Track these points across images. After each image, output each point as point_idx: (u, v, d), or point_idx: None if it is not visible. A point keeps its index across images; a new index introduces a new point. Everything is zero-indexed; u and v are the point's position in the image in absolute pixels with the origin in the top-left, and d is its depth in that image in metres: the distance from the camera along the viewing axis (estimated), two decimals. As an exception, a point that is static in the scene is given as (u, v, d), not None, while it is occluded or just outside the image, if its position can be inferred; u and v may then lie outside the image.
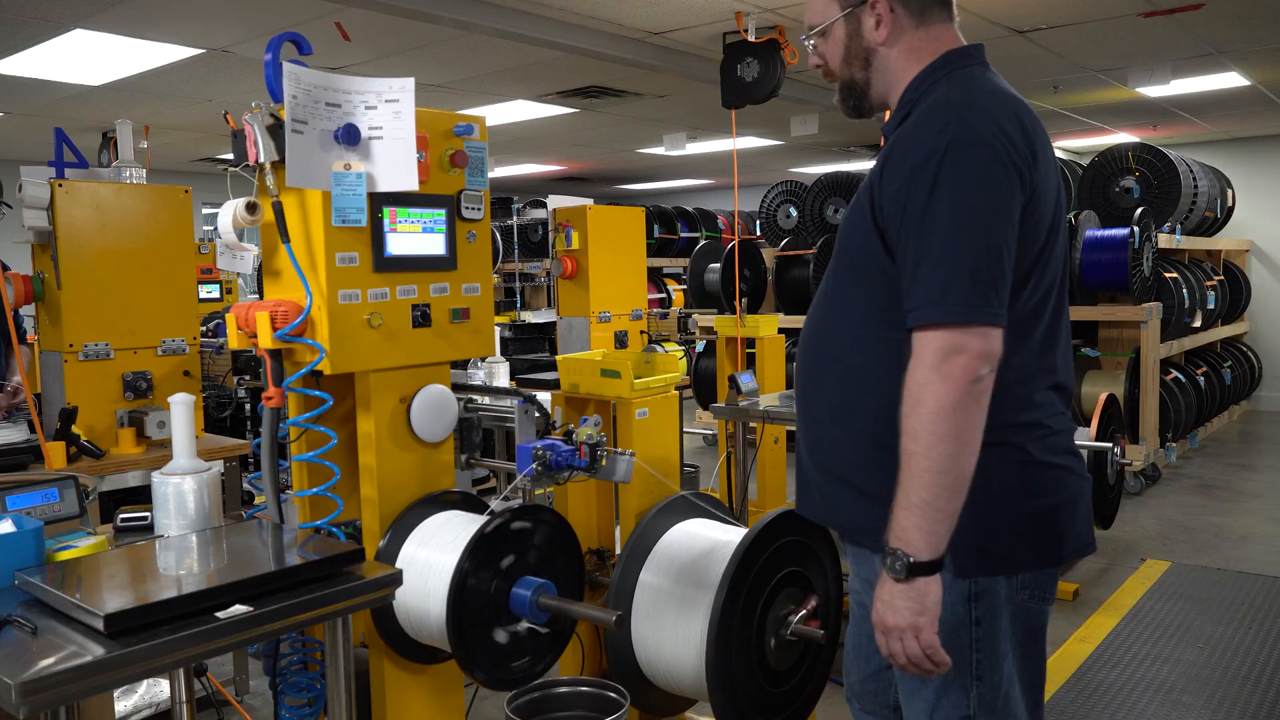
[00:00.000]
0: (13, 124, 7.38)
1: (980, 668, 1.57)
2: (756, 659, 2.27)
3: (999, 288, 1.46)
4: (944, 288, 1.44)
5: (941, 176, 1.46)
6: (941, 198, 1.46)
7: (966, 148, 1.47)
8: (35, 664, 1.43)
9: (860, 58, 1.68)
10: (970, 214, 1.45)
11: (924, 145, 1.49)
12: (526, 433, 2.55)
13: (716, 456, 5.58)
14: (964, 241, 1.45)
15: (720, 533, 2.52)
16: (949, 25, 1.67)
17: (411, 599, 2.26)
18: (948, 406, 1.42)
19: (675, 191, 14.37)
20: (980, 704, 1.58)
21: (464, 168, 2.41)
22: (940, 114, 1.52)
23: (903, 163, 1.51)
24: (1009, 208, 1.49)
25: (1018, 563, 1.57)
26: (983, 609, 1.57)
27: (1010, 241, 1.49)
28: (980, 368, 1.43)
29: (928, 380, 1.43)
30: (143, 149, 3.61)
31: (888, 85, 1.68)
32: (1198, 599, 4.40)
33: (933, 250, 1.46)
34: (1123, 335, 6.74)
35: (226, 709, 3.38)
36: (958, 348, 1.43)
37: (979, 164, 1.46)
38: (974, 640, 1.57)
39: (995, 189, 1.47)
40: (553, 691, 2.48)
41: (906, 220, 1.49)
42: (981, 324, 1.44)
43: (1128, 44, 5.78)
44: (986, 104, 1.53)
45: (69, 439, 3.08)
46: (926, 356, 1.44)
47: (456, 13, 4.49)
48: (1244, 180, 9.65)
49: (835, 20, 1.68)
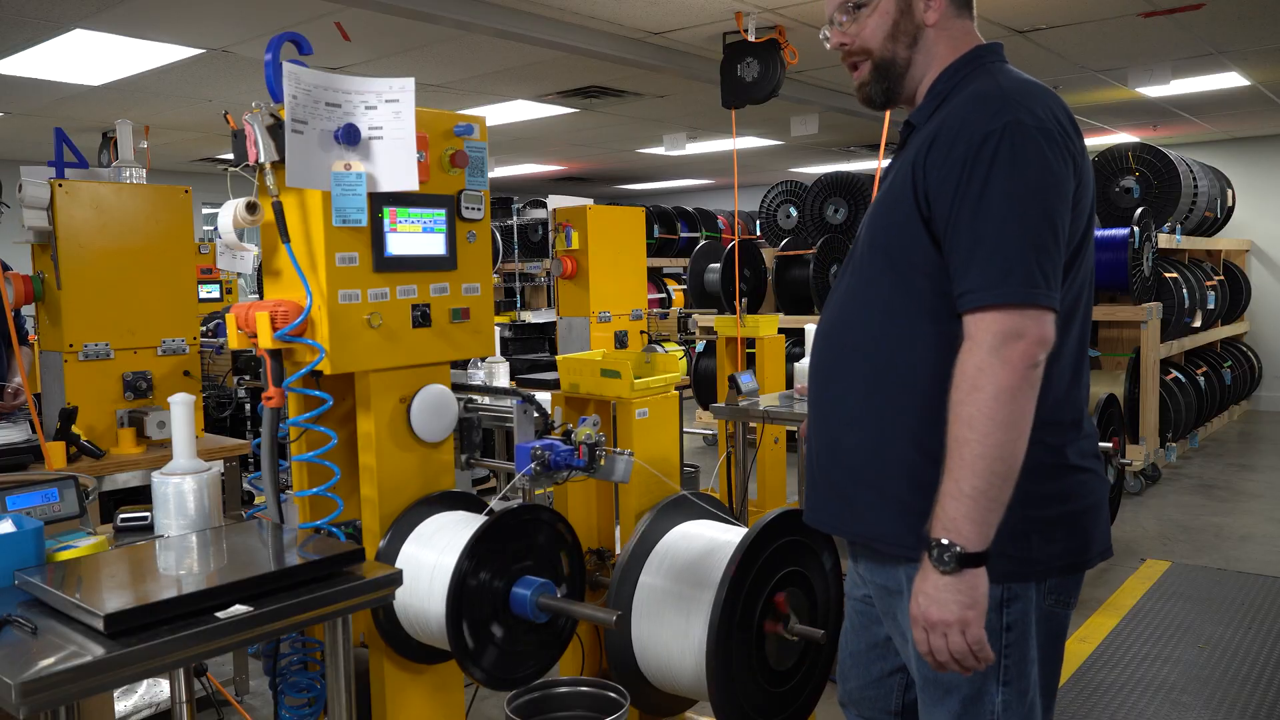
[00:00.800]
0: (13, 124, 7.39)
1: (1008, 674, 1.55)
2: (756, 659, 2.27)
3: (1055, 273, 1.44)
4: (1004, 270, 1.41)
5: (999, 159, 1.44)
6: (999, 180, 1.43)
7: (1025, 131, 1.45)
8: (35, 664, 1.43)
9: (909, 35, 1.65)
10: (1030, 197, 1.44)
11: (979, 129, 1.47)
12: (525, 433, 2.55)
13: (716, 456, 5.58)
14: (1024, 224, 1.43)
15: (720, 533, 2.52)
16: (973, 23, 1.69)
17: (411, 599, 2.26)
18: (1006, 391, 1.38)
19: (675, 191, 14.37)
20: (1006, 710, 1.55)
21: (464, 168, 2.41)
22: (994, 100, 1.50)
23: (954, 147, 1.48)
24: (1065, 192, 1.47)
25: (1049, 568, 1.54)
26: (1014, 614, 1.54)
27: (1065, 227, 1.47)
28: (1038, 353, 1.41)
29: (986, 364, 1.40)
30: (143, 149, 3.61)
31: (926, 68, 1.66)
32: (1198, 599, 4.40)
33: (990, 232, 1.43)
34: (1123, 335, 6.74)
35: (226, 709, 3.38)
36: (1018, 331, 1.40)
37: (1037, 148, 1.45)
38: (1004, 646, 1.54)
39: (1053, 173, 1.46)
40: (553, 691, 2.48)
41: (960, 203, 1.46)
42: (1040, 307, 1.41)
43: (1128, 44, 5.78)
44: (1038, 93, 1.53)
45: (69, 439, 3.08)
46: (985, 340, 1.41)
47: (456, 13, 4.49)
48: (1244, 180, 9.65)
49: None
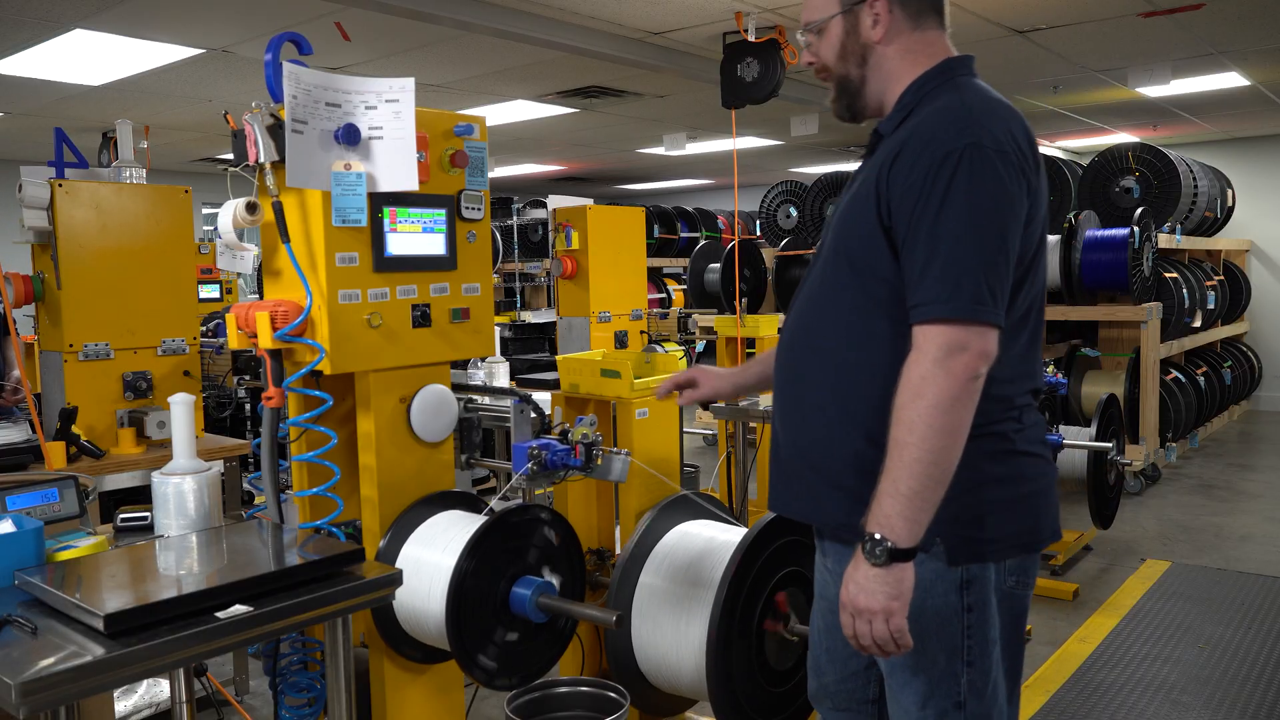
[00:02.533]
0: (13, 124, 7.38)
1: (971, 654, 1.61)
2: (756, 659, 2.27)
3: (1003, 291, 1.52)
4: (955, 285, 1.48)
5: (958, 178, 1.50)
6: (957, 199, 1.49)
7: (983, 154, 1.50)
8: (35, 664, 1.43)
9: (856, 54, 1.70)
10: (985, 216, 1.50)
11: (941, 146, 1.52)
12: (522, 432, 2.55)
13: (716, 456, 5.58)
14: (977, 242, 1.49)
15: (720, 533, 2.52)
16: (942, 32, 1.71)
17: (411, 599, 2.26)
18: (946, 401, 1.46)
19: (675, 191, 14.37)
20: (971, 690, 1.61)
21: (464, 168, 2.41)
22: (956, 117, 1.55)
23: (916, 163, 1.53)
24: (1018, 212, 1.54)
25: (1005, 548, 1.61)
26: (974, 596, 1.60)
27: (1015, 247, 1.54)
28: (980, 366, 1.48)
29: (930, 374, 1.47)
30: (143, 149, 3.61)
31: (884, 84, 1.70)
32: (1198, 599, 4.40)
33: (945, 249, 1.49)
34: (1123, 335, 6.74)
35: (226, 709, 3.38)
36: (962, 345, 1.47)
37: (994, 170, 1.51)
38: (966, 627, 1.60)
39: (1008, 194, 1.52)
40: (553, 691, 2.48)
41: (918, 219, 1.52)
42: (985, 323, 1.49)
43: (1128, 44, 5.78)
44: (1000, 112, 1.57)
45: (69, 439, 3.08)
46: (930, 351, 1.48)
47: (456, 13, 4.49)
48: (1244, 180, 9.65)
49: (833, 17, 1.71)
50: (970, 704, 1.62)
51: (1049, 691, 3.48)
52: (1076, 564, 5.04)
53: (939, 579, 1.58)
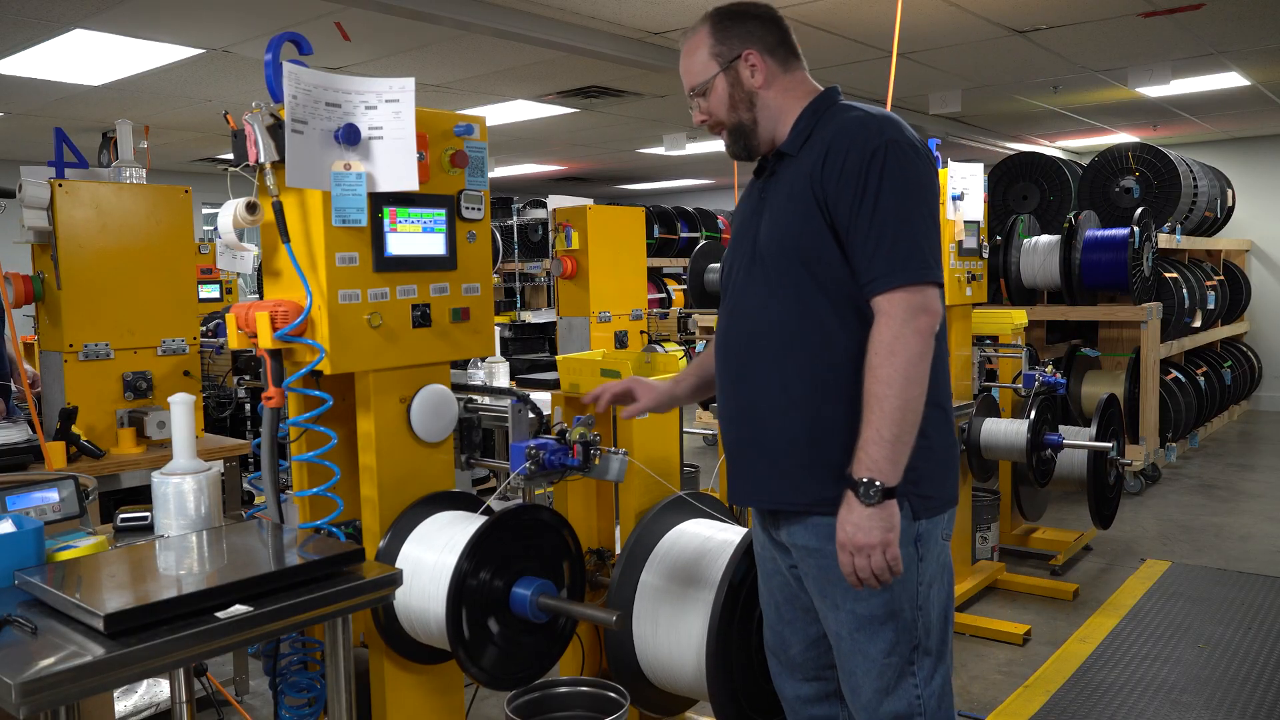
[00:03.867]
0: (13, 124, 7.39)
1: (922, 599, 1.86)
2: (756, 659, 2.27)
3: (939, 255, 1.81)
4: (906, 256, 1.74)
5: (887, 167, 1.76)
6: (889, 184, 1.76)
7: (901, 146, 1.79)
8: (35, 664, 1.43)
9: (745, 102, 1.95)
10: (915, 195, 1.78)
11: (865, 146, 1.78)
12: (520, 432, 2.55)
13: (716, 456, 5.58)
14: (915, 219, 1.77)
15: (720, 533, 2.52)
16: (805, 72, 2.00)
17: (411, 599, 2.26)
18: (916, 356, 1.72)
19: (675, 191, 14.37)
20: (925, 632, 1.87)
21: (464, 168, 2.41)
22: (867, 124, 1.82)
23: (846, 164, 1.79)
24: (937, 191, 1.86)
25: (944, 504, 1.89)
26: (924, 548, 1.86)
27: (938, 219, 1.85)
28: (936, 323, 1.76)
29: (900, 334, 1.72)
30: (143, 149, 3.61)
31: (774, 121, 1.96)
32: (1198, 599, 4.40)
33: (890, 228, 1.75)
34: (1123, 335, 6.74)
35: (226, 709, 3.38)
36: (922, 306, 1.74)
37: (912, 157, 1.79)
38: (919, 576, 1.86)
39: (929, 178, 1.83)
40: (553, 691, 2.48)
41: (860, 207, 1.77)
42: (936, 284, 1.76)
43: (1128, 44, 5.78)
44: (896, 120, 1.86)
45: (69, 439, 3.08)
46: (898, 314, 1.73)
47: (456, 13, 4.49)
48: (1244, 180, 9.65)
49: (716, 75, 1.95)
50: (924, 643, 1.87)
51: (1049, 691, 3.48)
52: (1076, 564, 5.04)
53: (903, 534, 1.78)
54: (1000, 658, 3.87)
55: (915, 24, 5.19)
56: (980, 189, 4.18)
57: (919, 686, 1.87)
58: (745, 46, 1.94)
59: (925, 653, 1.88)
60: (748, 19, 1.96)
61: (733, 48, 1.94)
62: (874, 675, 1.87)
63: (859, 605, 1.85)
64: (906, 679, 1.86)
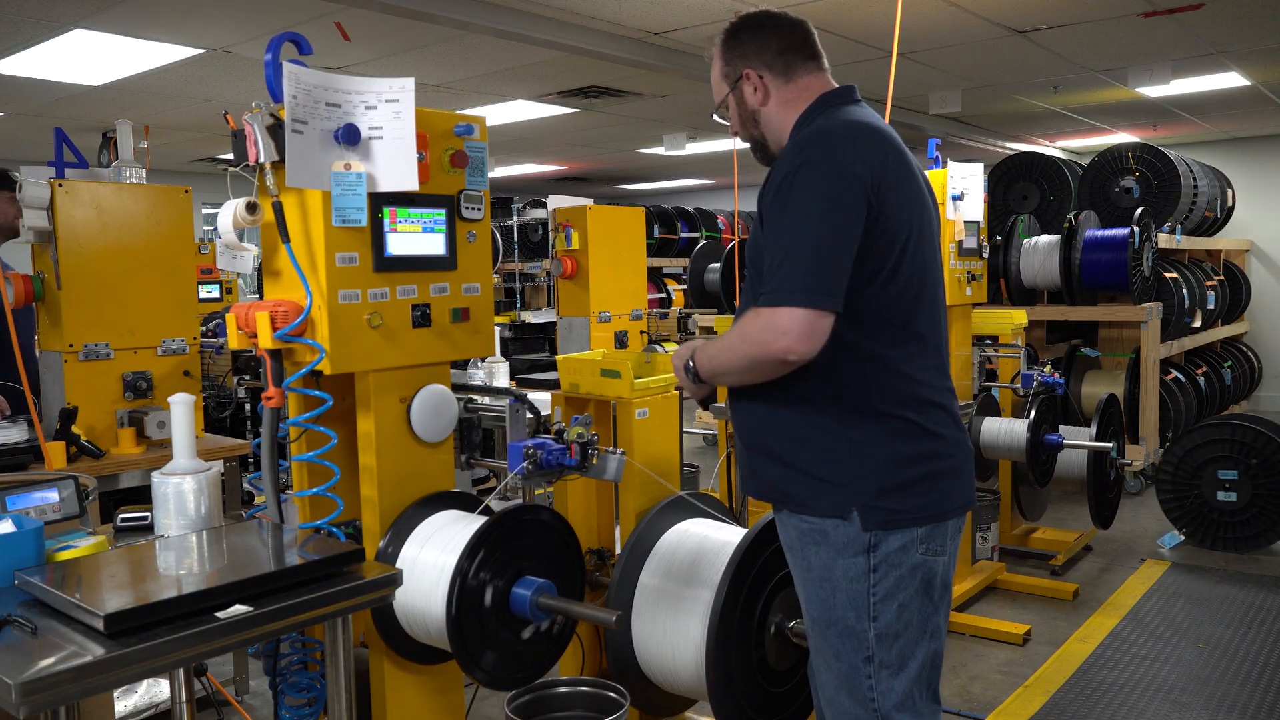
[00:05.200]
0: (13, 124, 7.38)
1: (876, 610, 1.84)
2: (756, 659, 2.27)
3: (836, 280, 1.75)
4: (786, 277, 1.73)
5: (794, 187, 1.77)
6: (793, 205, 1.77)
7: (816, 166, 1.77)
8: (35, 664, 1.43)
9: (750, 119, 2.03)
10: (813, 219, 1.75)
11: (787, 165, 1.80)
12: (518, 432, 2.55)
13: (716, 456, 5.58)
14: (806, 242, 1.74)
15: (720, 533, 2.52)
16: (819, 73, 1.99)
17: (411, 599, 2.26)
18: (745, 363, 1.84)
19: (675, 191, 14.36)
20: (879, 643, 1.85)
21: (464, 168, 2.41)
22: (806, 139, 1.84)
23: (771, 181, 1.83)
24: (850, 215, 1.77)
25: (912, 518, 1.84)
26: (879, 559, 1.83)
27: (850, 242, 1.77)
28: (792, 349, 1.76)
29: (751, 337, 1.79)
30: (143, 149, 3.61)
31: (777, 135, 2.01)
32: (1198, 599, 4.40)
33: (782, 248, 1.76)
34: (1123, 335, 6.74)
35: (226, 709, 3.38)
36: (783, 329, 1.74)
37: (828, 178, 1.76)
38: (871, 586, 1.84)
39: (839, 199, 1.76)
40: (553, 691, 2.48)
41: (769, 224, 1.81)
42: (811, 307, 1.72)
43: (1128, 44, 5.78)
44: (849, 134, 1.82)
45: (69, 439, 3.07)
46: (761, 322, 1.77)
47: (456, 13, 4.49)
48: (1244, 180, 9.64)
49: (726, 95, 2.04)
50: (878, 654, 1.85)
51: (1049, 691, 3.48)
52: (1076, 564, 5.04)
53: (850, 543, 1.83)
54: (1000, 658, 3.87)
55: (915, 24, 5.19)
56: (980, 189, 4.18)
57: (876, 700, 1.87)
58: (745, 65, 1.99)
59: (883, 665, 1.86)
60: (753, 31, 1.99)
61: (735, 68, 2.00)
62: (831, 674, 1.92)
63: (809, 606, 1.93)
64: (861, 683, 1.87)
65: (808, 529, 1.88)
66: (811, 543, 1.88)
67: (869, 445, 1.82)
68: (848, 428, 1.83)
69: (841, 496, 1.83)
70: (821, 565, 1.87)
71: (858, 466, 1.82)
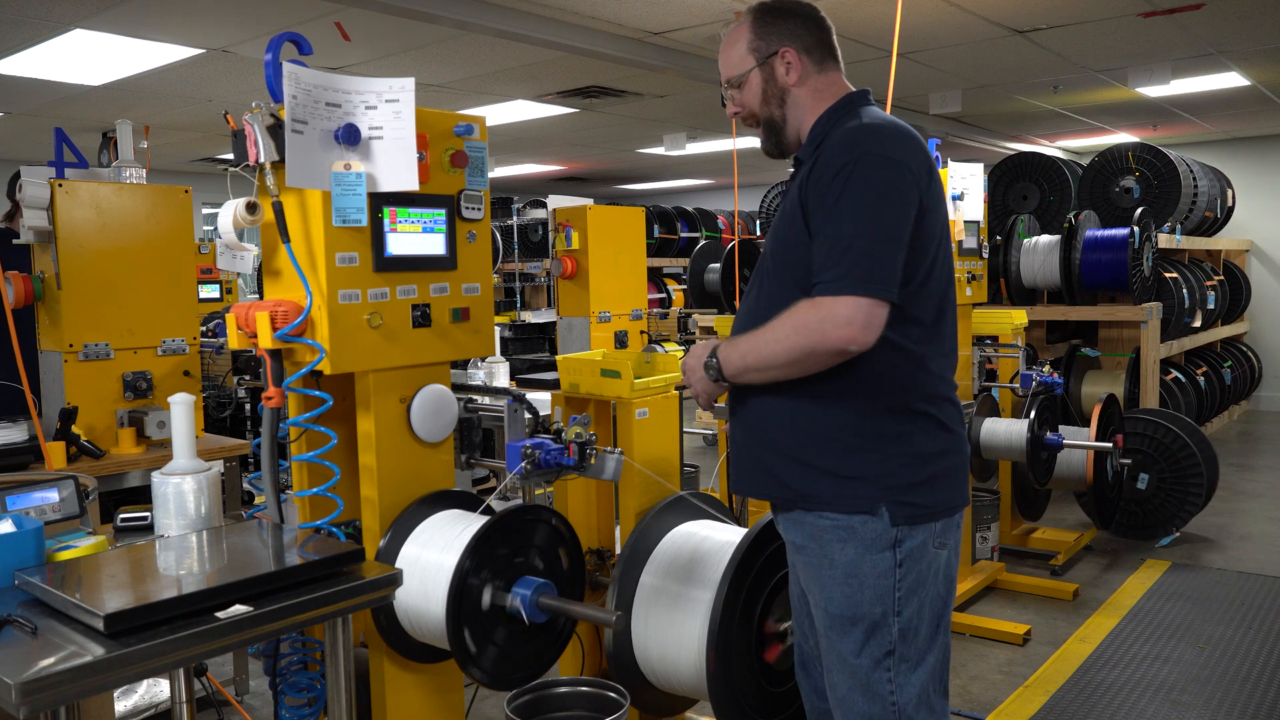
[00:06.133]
0: (13, 124, 7.38)
1: (900, 605, 1.86)
2: (756, 659, 2.27)
3: (894, 271, 1.78)
4: (851, 267, 1.74)
5: (854, 179, 1.78)
6: (852, 197, 1.77)
7: (875, 159, 1.80)
8: (35, 664, 1.43)
9: (777, 98, 2.00)
10: (875, 211, 1.78)
11: (843, 157, 1.80)
12: (516, 432, 2.55)
13: (716, 456, 5.58)
14: (869, 233, 1.77)
15: (720, 533, 2.52)
16: (840, 72, 2.03)
17: (411, 599, 2.26)
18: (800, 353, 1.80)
19: (675, 191, 14.37)
20: (901, 637, 1.87)
21: (464, 168, 2.41)
22: (857, 133, 1.85)
23: (821, 177, 1.82)
24: (908, 210, 1.82)
25: (934, 513, 1.88)
26: (904, 554, 1.86)
27: (905, 235, 1.81)
28: (853, 341, 1.77)
29: (809, 326, 1.77)
30: (143, 149, 3.61)
31: (800, 120, 2.00)
32: (1198, 599, 4.40)
33: (845, 238, 1.76)
34: (1123, 335, 6.74)
35: (226, 709, 3.38)
36: (846, 319, 1.75)
37: (887, 172, 1.80)
38: (897, 581, 1.86)
39: (899, 193, 1.80)
40: (553, 691, 2.48)
41: (824, 215, 1.80)
42: (875, 298, 1.74)
43: (1128, 44, 5.78)
44: (890, 132, 1.87)
45: (69, 439, 3.07)
46: (821, 312, 1.77)
47: (456, 13, 4.49)
48: (1244, 180, 9.64)
49: (752, 70, 2.00)
50: (899, 649, 1.87)
51: (1049, 691, 3.48)
52: (1076, 564, 5.04)
53: (878, 539, 1.84)
54: (1000, 658, 3.88)
55: (915, 24, 5.19)
56: (980, 189, 4.18)
57: (895, 693, 1.88)
58: (783, 44, 1.97)
59: (903, 659, 1.88)
60: (789, 17, 1.99)
61: (770, 44, 1.98)
62: (846, 674, 1.90)
63: (830, 604, 1.90)
64: (881, 682, 1.87)
65: (830, 525, 1.87)
66: (835, 539, 1.86)
67: (900, 441, 1.84)
68: (878, 424, 1.84)
69: (870, 492, 1.84)
70: (847, 562, 1.86)
71: (887, 462, 1.84)
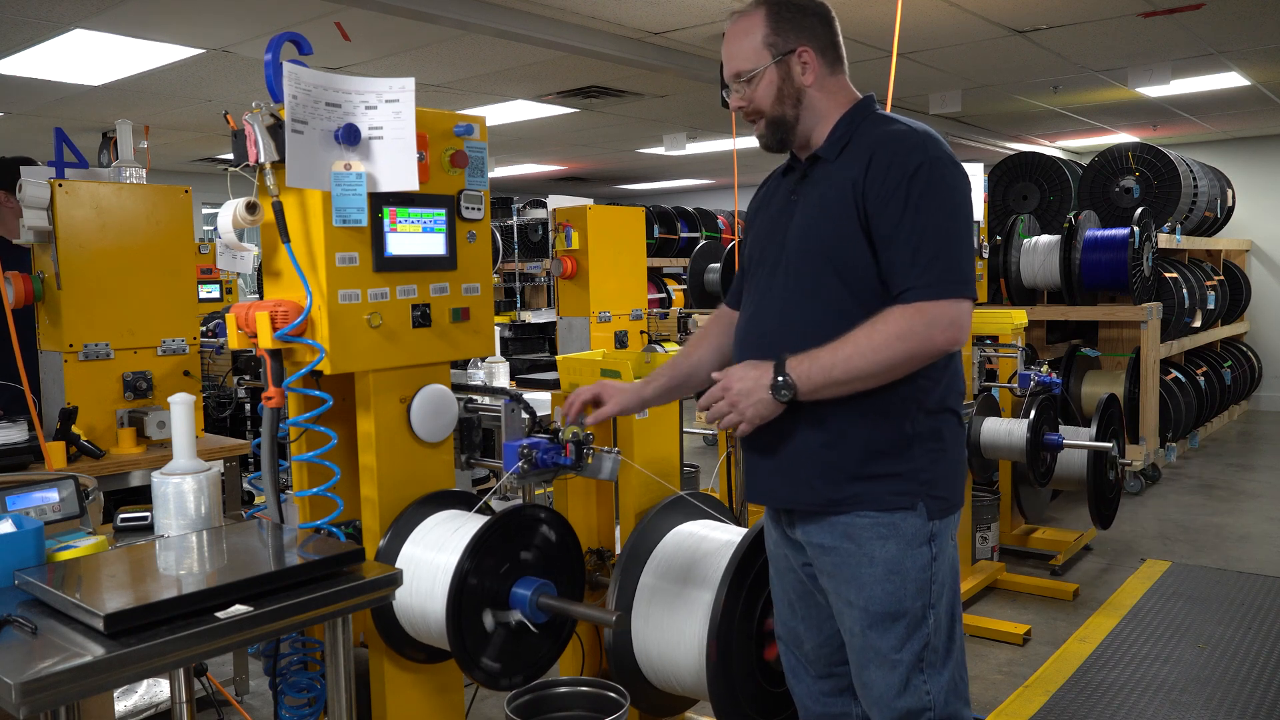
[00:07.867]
0: (13, 124, 7.38)
1: (933, 598, 1.90)
2: (756, 659, 2.27)
3: (974, 274, 1.87)
4: (945, 270, 1.78)
5: (931, 184, 1.81)
6: (931, 202, 1.80)
7: (944, 163, 1.84)
8: (35, 664, 1.43)
9: (792, 97, 1.96)
10: (956, 215, 1.84)
11: (911, 160, 1.81)
12: (513, 431, 2.55)
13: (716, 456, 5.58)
14: (954, 236, 1.82)
15: (720, 533, 2.52)
16: (847, 75, 2.02)
17: (411, 599, 2.26)
18: (905, 356, 1.81)
19: (675, 191, 14.36)
20: (935, 629, 1.90)
21: (464, 168, 2.41)
22: (913, 137, 1.86)
23: (888, 177, 1.82)
24: (972, 210, 1.91)
25: (955, 505, 1.94)
26: (937, 547, 1.90)
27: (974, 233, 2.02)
28: (958, 340, 1.83)
29: (915, 331, 1.78)
30: (143, 149, 3.61)
31: (814, 121, 1.97)
32: (1198, 599, 4.40)
33: (931, 243, 1.79)
34: (1123, 335, 6.74)
35: (226, 709, 3.38)
36: (952, 320, 1.79)
37: (956, 176, 1.86)
38: (931, 575, 1.90)
39: (967, 195, 1.88)
40: (553, 691, 2.48)
41: (903, 220, 1.80)
42: (971, 299, 1.82)
43: (1128, 44, 5.78)
44: (936, 136, 1.90)
45: (69, 439, 3.07)
46: (926, 317, 1.78)
47: (456, 13, 4.49)
48: (1244, 180, 9.64)
49: (767, 66, 1.94)
50: (934, 641, 1.90)
51: (1049, 691, 3.48)
52: (1076, 564, 5.04)
53: (917, 534, 1.87)
54: (1000, 658, 3.87)
55: (915, 24, 5.19)
56: (980, 189, 4.18)
57: (928, 683, 1.90)
58: (801, 42, 1.93)
59: (934, 650, 1.91)
60: (807, 14, 1.95)
61: (789, 41, 1.93)
62: (886, 671, 1.89)
63: (871, 602, 1.88)
64: (917, 675, 1.89)
65: (869, 524, 1.87)
66: (877, 537, 1.87)
67: (932, 437, 1.89)
68: (917, 423, 1.87)
69: (910, 488, 1.86)
70: (889, 558, 1.86)
71: (922, 459, 1.87)
